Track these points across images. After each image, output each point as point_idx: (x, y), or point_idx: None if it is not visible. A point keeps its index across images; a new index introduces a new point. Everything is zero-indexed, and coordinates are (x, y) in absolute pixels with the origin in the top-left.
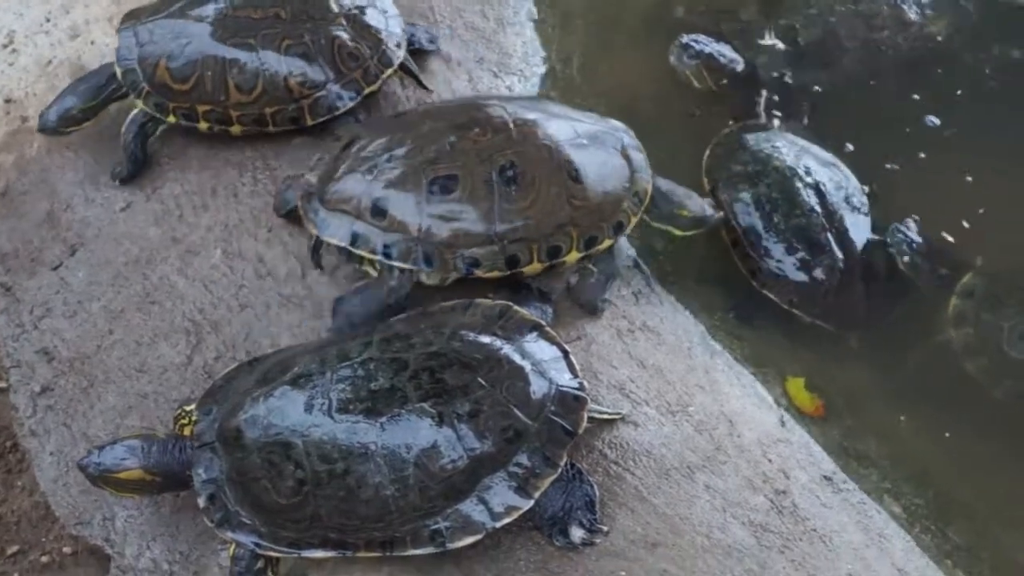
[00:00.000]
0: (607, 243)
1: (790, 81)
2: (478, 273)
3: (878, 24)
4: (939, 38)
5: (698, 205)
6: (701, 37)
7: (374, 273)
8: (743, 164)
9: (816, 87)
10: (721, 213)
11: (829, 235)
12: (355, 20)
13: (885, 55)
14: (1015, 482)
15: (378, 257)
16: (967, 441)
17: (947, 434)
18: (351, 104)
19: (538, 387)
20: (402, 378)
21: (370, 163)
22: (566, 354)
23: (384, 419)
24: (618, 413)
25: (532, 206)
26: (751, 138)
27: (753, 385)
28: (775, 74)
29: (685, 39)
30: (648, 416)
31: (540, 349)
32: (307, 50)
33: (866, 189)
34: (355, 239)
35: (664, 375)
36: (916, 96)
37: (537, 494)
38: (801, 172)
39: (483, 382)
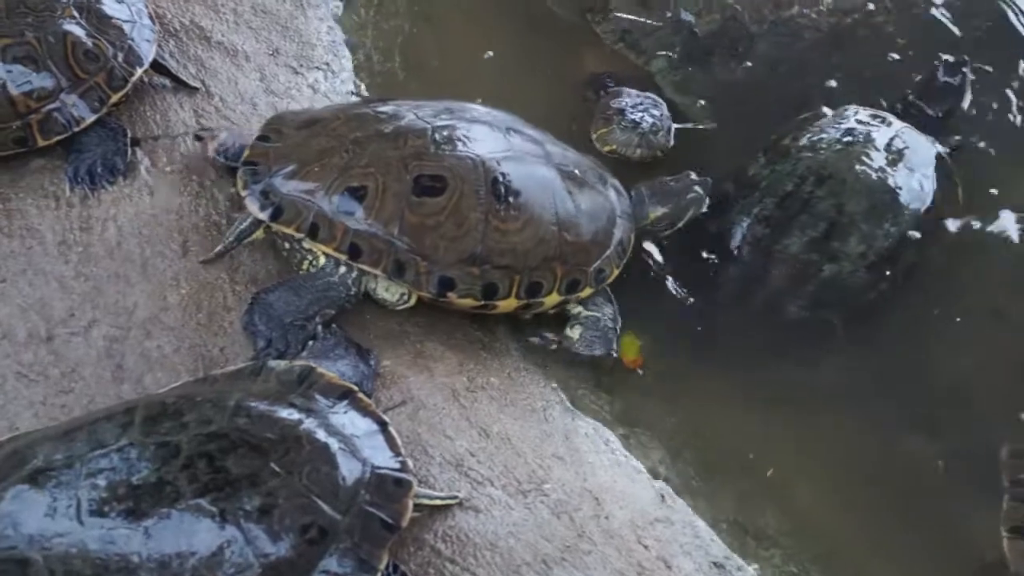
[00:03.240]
0: (587, 291)
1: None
2: (450, 297)
3: (784, 1)
4: (856, 9)
5: (670, 199)
6: (624, 101)
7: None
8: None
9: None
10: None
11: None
12: (90, 11)
13: (801, 35)
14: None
15: (341, 256)
16: (889, 505)
17: (865, 497)
18: (94, 117)
19: (348, 471)
20: (172, 468)
21: (343, 147)
22: (384, 426)
23: (150, 522)
24: (454, 497)
25: (524, 230)
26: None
27: (625, 451)
28: (677, 78)
29: (626, 119)
30: (493, 499)
31: (351, 422)
32: (31, 52)
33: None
34: (315, 230)
35: (513, 445)
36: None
37: None
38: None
39: (277, 468)
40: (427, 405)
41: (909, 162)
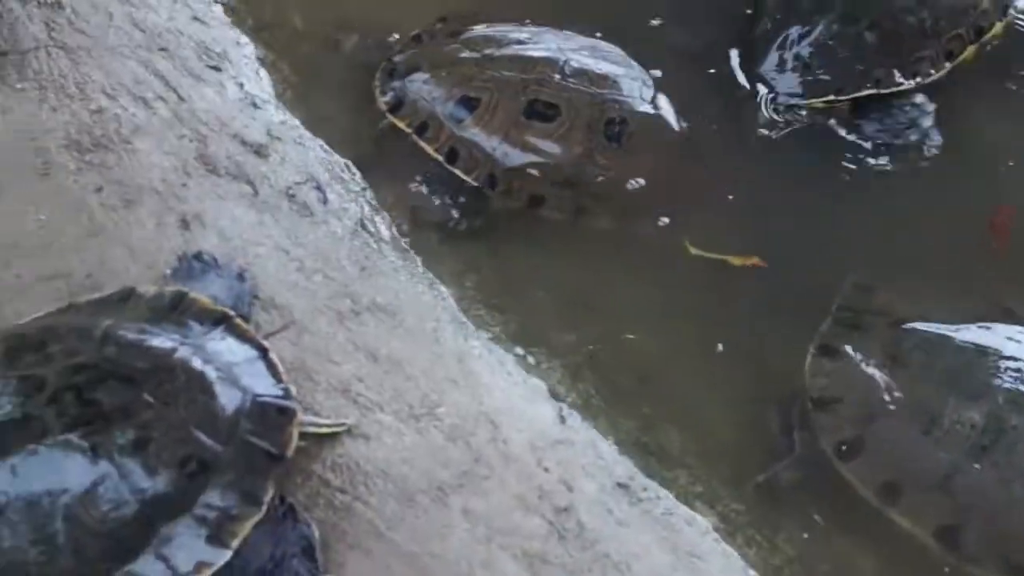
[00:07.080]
0: None
1: None
2: (541, 210)
3: None
4: None
5: None
6: None
7: None
8: None
9: None
10: None
11: None
12: None
13: None
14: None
15: (439, 158)
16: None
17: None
18: None
19: (228, 400)
20: (38, 402)
21: (474, 60)
22: (265, 352)
23: (16, 459)
24: (341, 424)
25: (625, 173)
26: None
27: (522, 372)
28: None
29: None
30: (383, 425)
31: (229, 348)
32: None
33: None
34: (423, 129)
35: (403, 369)
36: None
37: (235, 542)
38: None
39: (151, 399)
40: (310, 329)
41: None
